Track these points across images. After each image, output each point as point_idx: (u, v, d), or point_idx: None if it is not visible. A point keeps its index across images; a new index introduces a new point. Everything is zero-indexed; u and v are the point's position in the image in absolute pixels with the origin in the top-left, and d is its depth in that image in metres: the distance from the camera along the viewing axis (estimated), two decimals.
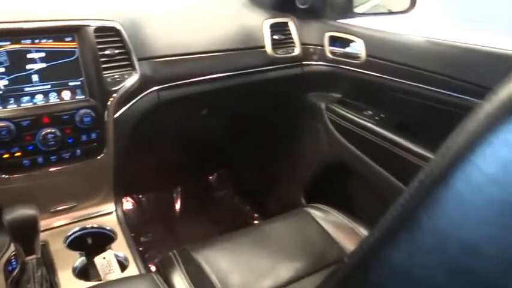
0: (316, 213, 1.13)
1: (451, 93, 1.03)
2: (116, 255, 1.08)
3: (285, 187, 1.69)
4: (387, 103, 1.27)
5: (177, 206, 1.87)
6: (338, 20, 1.40)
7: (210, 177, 1.99)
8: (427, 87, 1.09)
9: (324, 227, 1.08)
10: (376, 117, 1.25)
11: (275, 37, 1.36)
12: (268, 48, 1.35)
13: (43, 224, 1.01)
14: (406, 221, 0.33)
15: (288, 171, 1.65)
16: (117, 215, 1.21)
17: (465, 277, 0.29)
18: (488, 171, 0.29)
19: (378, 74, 1.24)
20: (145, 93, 1.14)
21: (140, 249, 1.24)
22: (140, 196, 1.77)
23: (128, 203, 1.76)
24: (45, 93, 1.01)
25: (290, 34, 1.40)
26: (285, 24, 1.40)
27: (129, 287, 0.85)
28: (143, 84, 1.11)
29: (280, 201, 1.69)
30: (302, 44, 1.42)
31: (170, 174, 1.71)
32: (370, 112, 1.29)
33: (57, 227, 1.15)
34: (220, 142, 1.73)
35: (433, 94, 1.08)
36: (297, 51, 1.41)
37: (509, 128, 0.28)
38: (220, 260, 0.96)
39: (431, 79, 1.08)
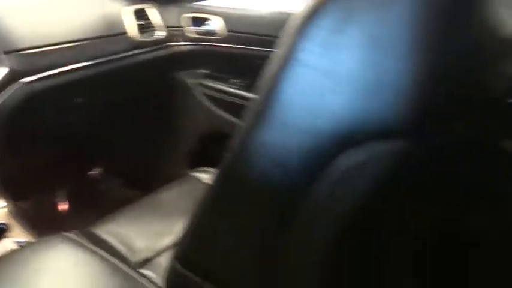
0: (202, 176, 1.24)
1: None
2: (17, 242, 1.07)
3: (170, 166, 1.77)
4: (250, 70, 1.42)
5: (65, 205, 1.83)
6: (196, 3, 1.52)
7: (95, 171, 1.98)
8: None
9: None
10: (242, 84, 1.40)
11: (140, 22, 1.43)
12: (132, 33, 1.41)
13: None
14: (255, 122, 0.48)
15: (171, 150, 1.74)
16: (8, 208, 1.19)
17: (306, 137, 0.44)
18: (311, 63, 0.43)
19: (240, 46, 1.40)
20: (15, 86, 1.13)
21: None
22: (24, 199, 1.70)
23: (12, 206, 1.68)
24: None
25: (153, 19, 1.48)
26: (145, 10, 1.47)
27: (47, 245, 0.87)
28: (12, 77, 1.11)
29: (168, 179, 1.76)
30: (167, 27, 1.51)
31: (54, 171, 1.68)
32: (236, 80, 1.43)
33: None
34: (99, 132, 1.74)
35: None
36: (161, 34, 1.49)
37: (308, 37, 0.44)
38: (122, 231, 1.01)
39: None
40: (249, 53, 1.37)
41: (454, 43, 0.40)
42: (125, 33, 1.40)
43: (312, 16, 0.44)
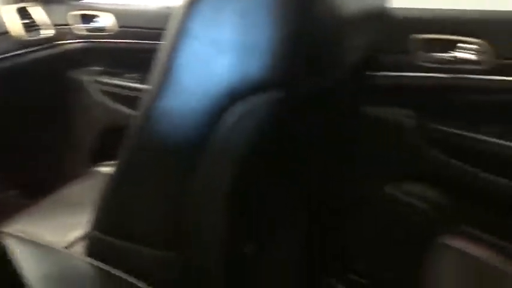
0: (105, 170, 1.25)
1: None
2: None
3: (72, 165, 1.74)
4: (144, 63, 1.46)
5: None
6: (82, 0, 1.52)
7: None
8: None
9: None
10: (138, 77, 1.44)
11: (25, 21, 1.40)
12: (16, 33, 1.38)
13: None
14: (155, 94, 0.56)
15: (71, 149, 1.71)
16: None
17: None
18: (198, 35, 0.54)
19: (132, 41, 1.43)
20: None
21: None
22: None
23: None
24: None
25: (38, 18, 1.45)
26: (27, 8, 1.44)
27: None
28: None
29: (72, 178, 1.73)
30: (54, 25, 1.49)
31: None
32: (132, 74, 1.47)
33: None
34: None
35: None
36: (49, 32, 1.47)
37: (195, 14, 0.55)
38: (28, 228, 0.99)
39: None
40: (142, 47, 1.41)
41: (304, 20, 0.51)
42: (6, 32, 1.36)
43: None
